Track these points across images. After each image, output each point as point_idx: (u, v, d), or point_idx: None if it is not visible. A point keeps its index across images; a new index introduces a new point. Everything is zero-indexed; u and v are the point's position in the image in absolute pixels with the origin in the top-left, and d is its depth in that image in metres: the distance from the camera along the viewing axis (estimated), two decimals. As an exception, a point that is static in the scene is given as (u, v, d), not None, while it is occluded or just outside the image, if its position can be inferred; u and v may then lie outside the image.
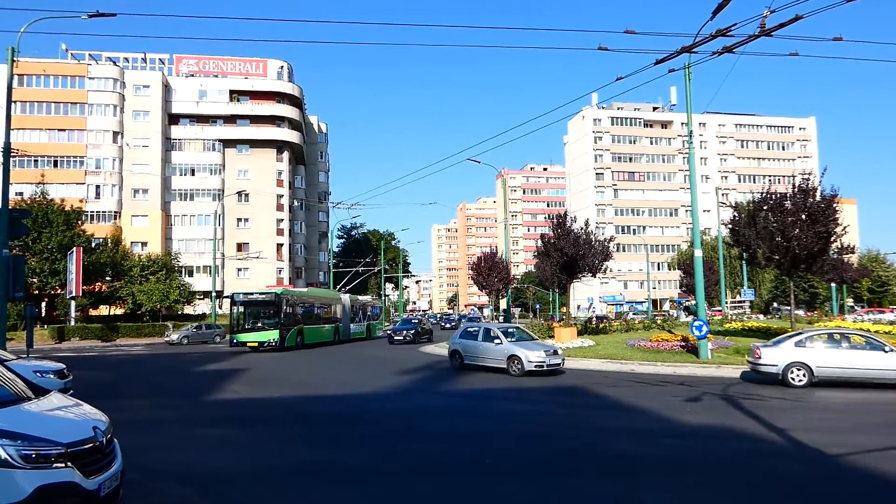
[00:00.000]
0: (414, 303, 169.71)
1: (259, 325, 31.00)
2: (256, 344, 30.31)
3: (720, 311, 54.62)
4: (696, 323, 20.09)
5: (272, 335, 30.43)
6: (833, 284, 51.65)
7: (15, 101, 52.66)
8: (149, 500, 6.35)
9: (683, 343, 22.14)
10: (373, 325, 46.66)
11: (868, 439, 9.33)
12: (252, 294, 32.81)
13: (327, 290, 53.95)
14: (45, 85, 64.23)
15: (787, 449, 8.78)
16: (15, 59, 19.08)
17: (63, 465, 4.63)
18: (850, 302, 65.86)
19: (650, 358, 20.68)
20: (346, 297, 42.06)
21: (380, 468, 7.95)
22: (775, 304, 71.86)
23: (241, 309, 31.45)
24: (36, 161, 61.62)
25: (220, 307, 55.52)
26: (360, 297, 47.36)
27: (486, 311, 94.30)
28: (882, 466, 7.62)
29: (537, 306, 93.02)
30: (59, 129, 64.37)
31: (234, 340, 31.03)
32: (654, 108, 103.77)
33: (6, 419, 4.73)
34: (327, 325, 37.43)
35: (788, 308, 26.46)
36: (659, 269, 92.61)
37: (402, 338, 36.28)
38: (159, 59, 71.45)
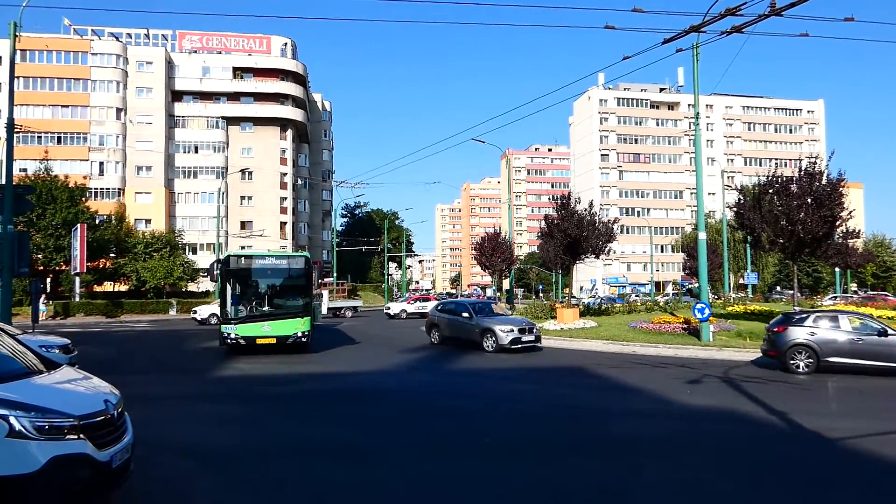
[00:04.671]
0: (417, 282, 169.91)
1: (270, 309, 18.84)
2: (274, 340, 18.39)
3: (718, 296, 54.56)
4: (699, 305, 20.11)
5: (299, 326, 18.62)
6: (837, 269, 51.53)
7: (18, 77, 52.38)
8: (150, 473, 6.42)
9: (685, 325, 22.18)
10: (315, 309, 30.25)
11: (868, 423, 9.39)
12: (264, 257, 20.05)
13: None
14: (48, 60, 63.82)
15: (786, 431, 8.87)
16: (17, 33, 18.95)
17: (76, 436, 4.73)
18: (853, 287, 65.74)
19: (652, 340, 20.77)
20: None
21: (383, 447, 8.07)
22: (778, 288, 71.76)
23: (244, 282, 18.95)
24: (39, 137, 61.49)
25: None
26: None
27: (489, 292, 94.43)
28: (881, 450, 7.70)
29: (540, 287, 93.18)
30: (63, 105, 64.13)
31: (232, 335, 18.15)
32: (661, 90, 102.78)
33: (20, 391, 4.82)
34: None
35: (791, 292, 26.45)
36: (663, 252, 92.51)
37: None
38: (162, 34, 70.87)
